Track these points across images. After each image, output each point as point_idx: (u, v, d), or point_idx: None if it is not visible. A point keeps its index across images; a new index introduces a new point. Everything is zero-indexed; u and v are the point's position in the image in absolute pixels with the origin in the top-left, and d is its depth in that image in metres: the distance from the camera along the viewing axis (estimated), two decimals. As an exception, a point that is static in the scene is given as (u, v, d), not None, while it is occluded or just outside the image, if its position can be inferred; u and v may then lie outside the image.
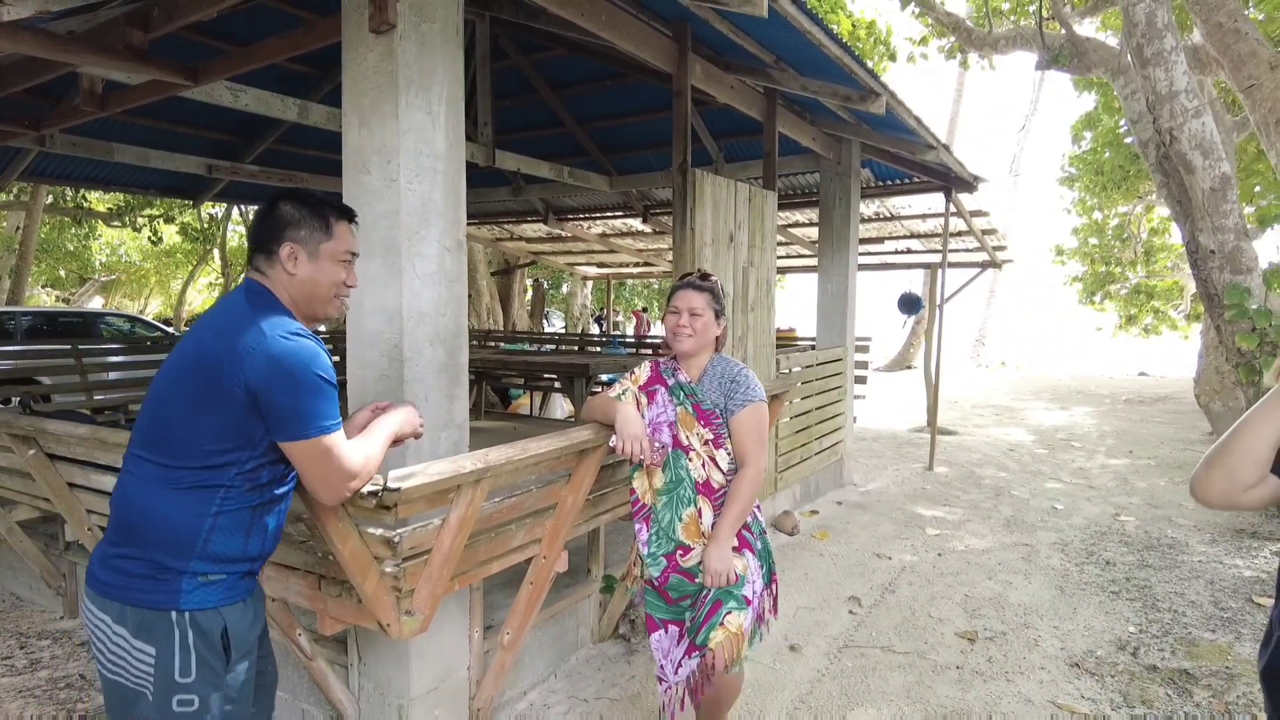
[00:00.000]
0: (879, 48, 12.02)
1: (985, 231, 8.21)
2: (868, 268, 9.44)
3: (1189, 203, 5.81)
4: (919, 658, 3.31)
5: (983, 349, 22.46)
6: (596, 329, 18.87)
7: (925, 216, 7.99)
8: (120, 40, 3.28)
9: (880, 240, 9.11)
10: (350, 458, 1.52)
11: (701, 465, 2.18)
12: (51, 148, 5.42)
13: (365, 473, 1.57)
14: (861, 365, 7.28)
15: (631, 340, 12.69)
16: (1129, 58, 6.21)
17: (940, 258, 7.41)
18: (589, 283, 18.95)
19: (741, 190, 4.41)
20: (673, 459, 2.20)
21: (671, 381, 2.27)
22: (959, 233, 8.22)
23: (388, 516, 1.74)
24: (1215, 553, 4.72)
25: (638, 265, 12.43)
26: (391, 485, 1.65)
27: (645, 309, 21.62)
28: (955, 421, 10.13)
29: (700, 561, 2.11)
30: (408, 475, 1.72)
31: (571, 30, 3.39)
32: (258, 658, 1.64)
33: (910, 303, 9.01)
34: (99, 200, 13.87)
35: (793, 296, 17.84)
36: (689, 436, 2.19)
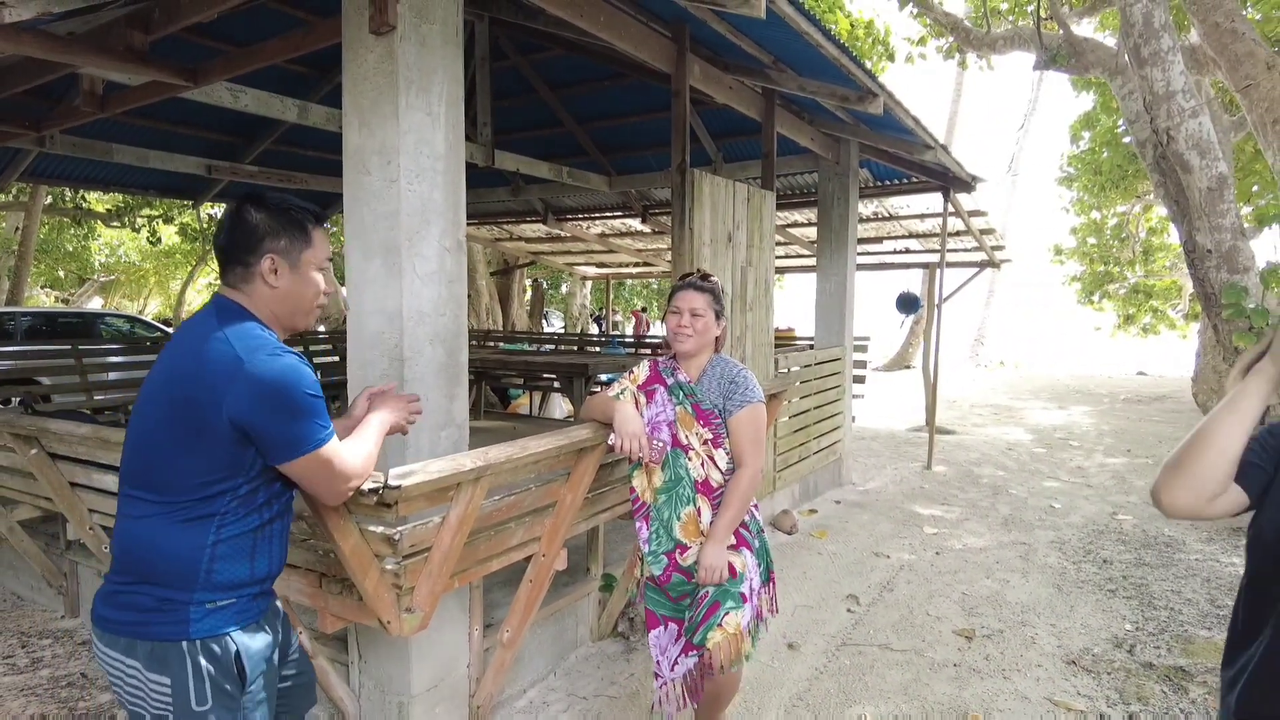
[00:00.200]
0: (877, 48, 12.03)
1: (983, 231, 8.23)
2: (866, 267, 9.44)
3: (1186, 202, 5.82)
4: (916, 655, 3.32)
5: (981, 348, 22.46)
6: (596, 329, 18.87)
7: (923, 216, 8.01)
8: (120, 42, 3.29)
9: (879, 240, 9.12)
10: (349, 460, 1.52)
11: (701, 464, 2.19)
12: (51, 148, 5.44)
13: (364, 471, 1.56)
14: (860, 365, 7.30)
15: (631, 340, 12.71)
16: (1126, 58, 6.23)
17: (938, 257, 7.43)
18: (588, 283, 18.96)
19: (740, 190, 4.43)
20: (672, 458, 2.21)
21: (671, 381, 2.28)
22: (957, 232, 8.23)
23: (388, 514, 1.75)
24: (1211, 551, 4.73)
25: (637, 265, 12.45)
26: (392, 483, 1.66)
27: (644, 309, 21.62)
28: (954, 421, 10.15)
29: (696, 561, 2.13)
30: (408, 473, 1.74)
31: (570, 30, 3.40)
32: (285, 664, 1.65)
33: (908, 302, 9.03)
34: (98, 201, 13.87)
35: (792, 296, 17.84)
36: (688, 436, 2.21)
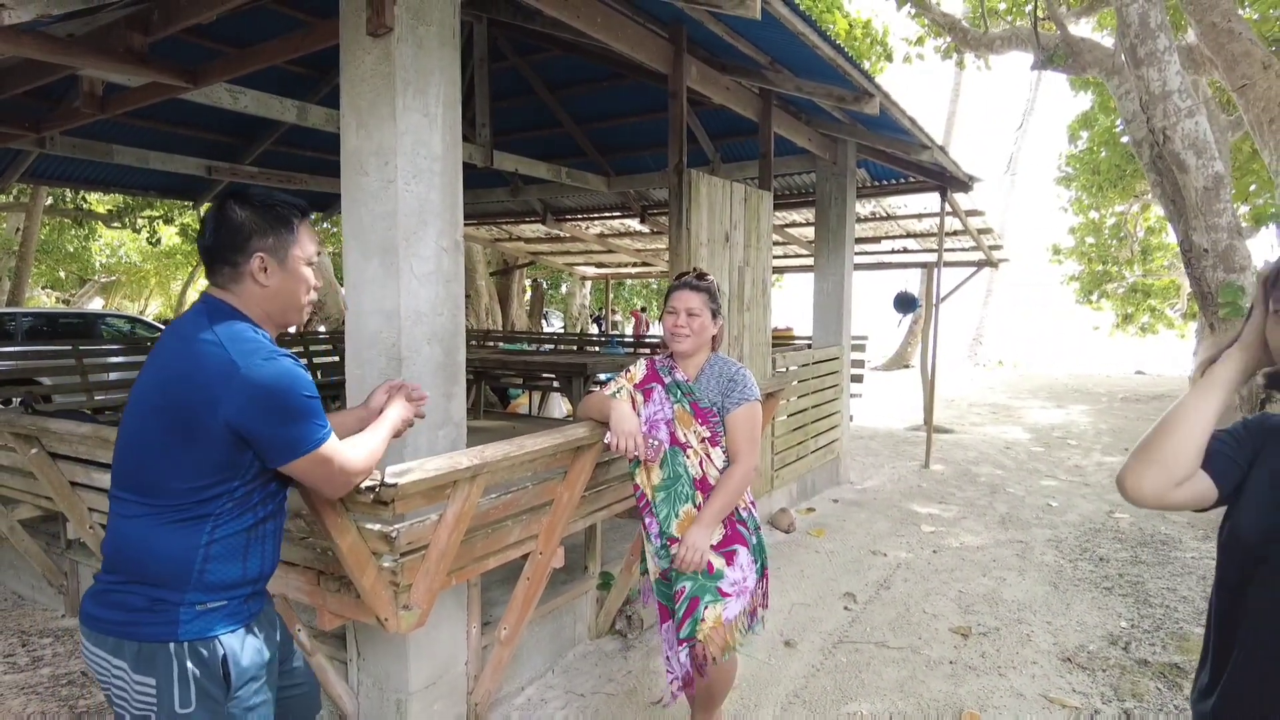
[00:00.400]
0: (876, 48, 12.05)
1: (981, 231, 8.24)
2: (864, 267, 9.46)
3: (1182, 202, 5.84)
4: (912, 653, 3.34)
5: (980, 348, 22.47)
6: (595, 329, 18.89)
7: (921, 216, 8.03)
8: (120, 43, 3.30)
9: (877, 240, 9.14)
10: (349, 455, 1.53)
11: (699, 462, 2.21)
12: (52, 149, 5.45)
13: (367, 466, 1.57)
14: (858, 364, 7.31)
15: (630, 340, 12.72)
16: (1123, 58, 6.25)
17: (936, 257, 7.45)
18: (588, 283, 18.98)
19: (737, 190, 4.45)
20: (670, 456, 2.23)
21: (668, 380, 2.30)
22: (955, 232, 8.25)
23: (385, 512, 1.77)
24: (1207, 549, 4.75)
25: (636, 265, 12.47)
26: (389, 481, 1.68)
27: (644, 309, 21.63)
28: (952, 420, 10.17)
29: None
30: (405, 471, 1.75)
31: (568, 31, 3.42)
32: (285, 675, 1.64)
33: (906, 302, 9.04)
34: (99, 201, 13.89)
35: (790, 296, 17.87)
36: (686, 434, 2.22)
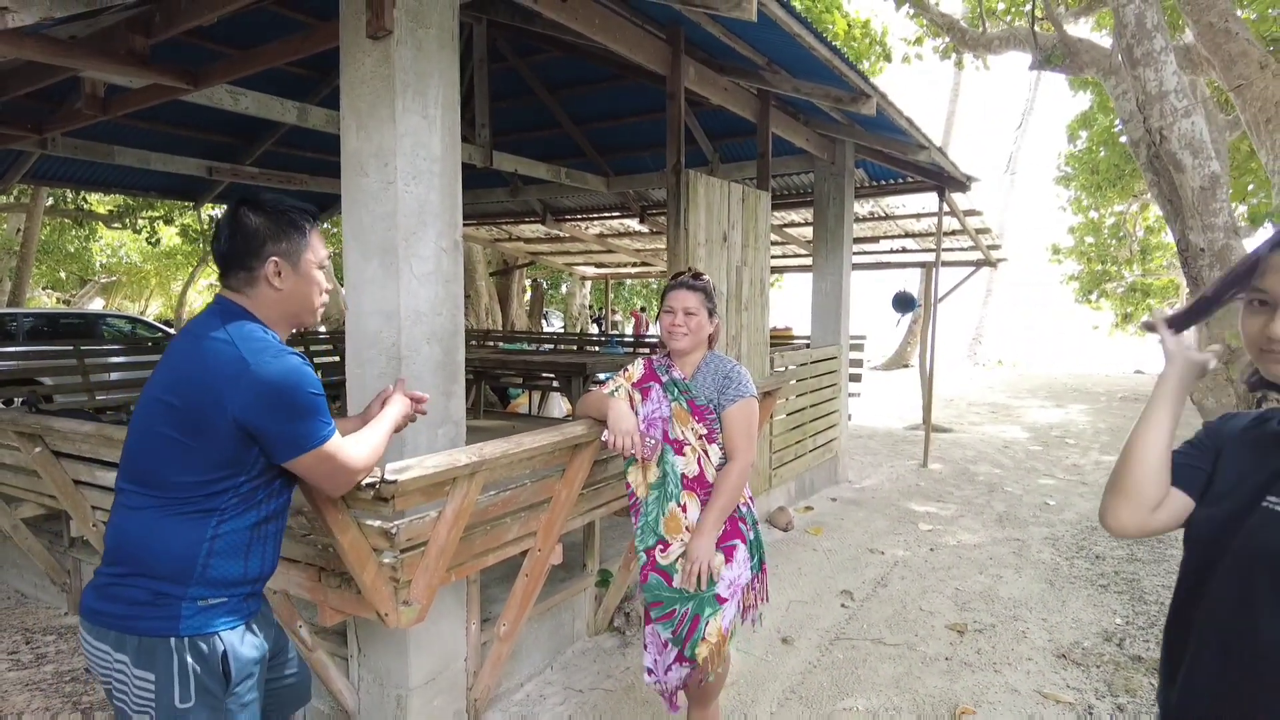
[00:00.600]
0: (875, 48, 12.08)
1: (979, 230, 8.26)
2: (863, 267, 9.48)
3: (1179, 202, 5.85)
4: (909, 649, 3.37)
5: (980, 347, 22.49)
6: (596, 329, 18.91)
7: (919, 216, 8.04)
8: (122, 45, 3.33)
9: (875, 239, 9.16)
10: (352, 454, 1.55)
11: (696, 460, 2.23)
12: (53, 150, 5.48)
13: (368, 464, 1.60)
14: (856, 364, 7.33)
15: (630, 340, 12.74)
16: (1120, 58, 6.27)
17: (934, 257, 7.47)
18: (588, 283, 19.00)
19: (735, 191, 4.47)
20: (662, 454, 2.25)
21: (666, 378, 2.32)
22: (953, 232, 8.27)
23: (385, 508, 1.80)
24: (1204, 547, 4.78)
25: (635, 265, 12.49)
26: (389, 478, 1.71)
27: (644, 308, 21.66)
28: (951, 419, 10.19)
29: (677, 559, 2.17)
30: (404, 468, 1.78)
31: (567, 33, 3.44)
32: (280, 665, 1.68)
33: (905, 301, 9.07)
34: (99, 202, 13.92)
35: (790, 296, 17.90)
36: (683, 432, 2.24)
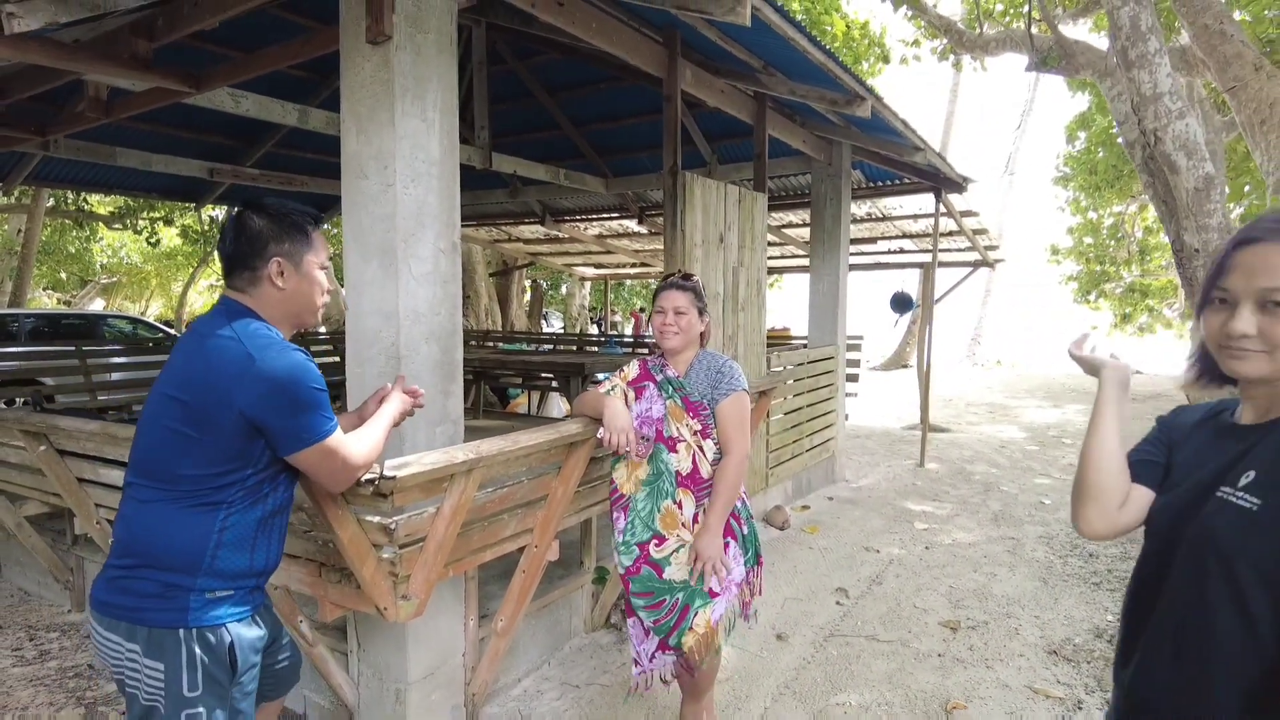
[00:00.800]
0: (874, 49, 12.13)
1: (976, 231, 8.30)
2: (860, 268, 9.52)
3: (1174, 203, 5.90)
4: (902, 646, 3.41)
5: (978, 348, 22.51)
6: (595, 330, 18.95)
7: (917, 217, 8.09)
8: (125, 49, 3.37)
9: (873, 240, 9.20)
10: (353, 449, 1.60)
11: (690, 457, 2.27)
12: (56, 152, 5.51)
13: (368, 460, 1.65)
14: (853, 364, 7.37)
15: (629, 340, 12.78)
16: (1114, 60, 6.31)
17: (931, 257, 7.51)
18: (587, 284, 19.04)
19: (731, 192, 4.51)
20: (655, 453, 2.30)
21: (660, 377, 2.37)
22: (950, 233, 8.31)
23: (384, 504, 1.84)
24: (1197, 545, 4.81)
25: (634, 266, 12.53)
26: (387, 474, 1.75)
27: (643, 309, 21.67)
28: (949, 419, 10.23)
29: (672, 553, 2.21)
30: (403, 464, 1.82)
31: (564, 36, 3.48)
32: (276, 650, 1.73)
33: (902, 302, 9.11)
34: (100, 203, 13.96)
35: (789, 296, 17.93)
36: (678, 428, 2.29)
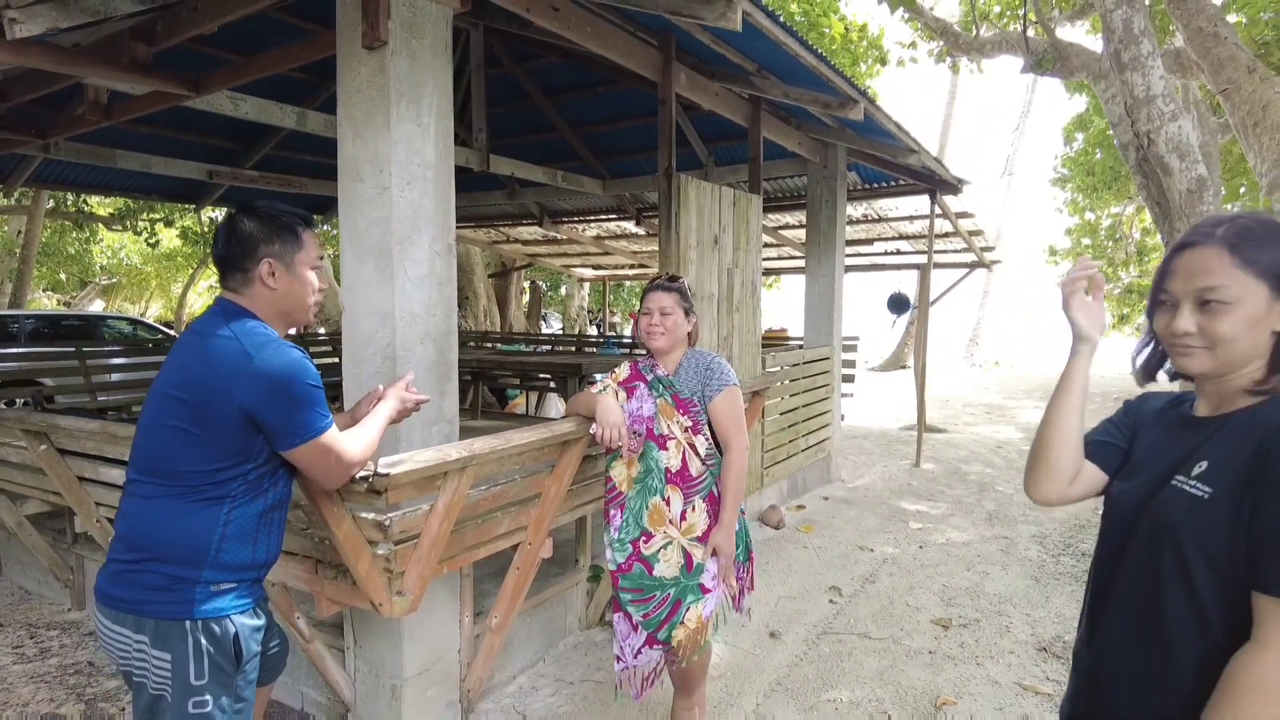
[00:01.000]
0: (872, 51, 12.18)
1: (972, 233, 8.34)
2: (857, 269, 9.57)
3: (1167, 204, 5.95)
4: (894, 643, 3.44)
5: (977, 348, 22.54)
6: (594, 331, 18.99)
7: (913, 218, 8.12)
8: (125, 53, 3.40)
9: (869, 242, 9.24)
10: (348, 446, 1.64)
11: (680, 454, 2.32)
12: (56, 154, 5.55)
13: (363, 457, 1.68)
14: (849, 365, 7.41)
15: (627, 341, 12.81)
16: (1108, 63, 6.36)
17: (926, 259, 7.55)
18: (586, 285, 19.08)
19: (726, 194, 4.55)
20: (645, 450, 2.34)
21: (650, 377, 2.41)
22: (946, 234, 8.35)
23: (379, 501, 1.87)
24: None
25: (632, 267, 12.56)
26: (381, 471, 1.79)
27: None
28: (946, 420, 10.27)
29: (659, 550, 2.26)
30: (397, 462, 1.86)
31: (561, 40, 3.53)
32: (265, 638, 1.76)
33: (899, 303, 9.15)
34: (100, 204, 14.00)
35: (786, 297, 17.96)
36: (669, 425, 2.33)
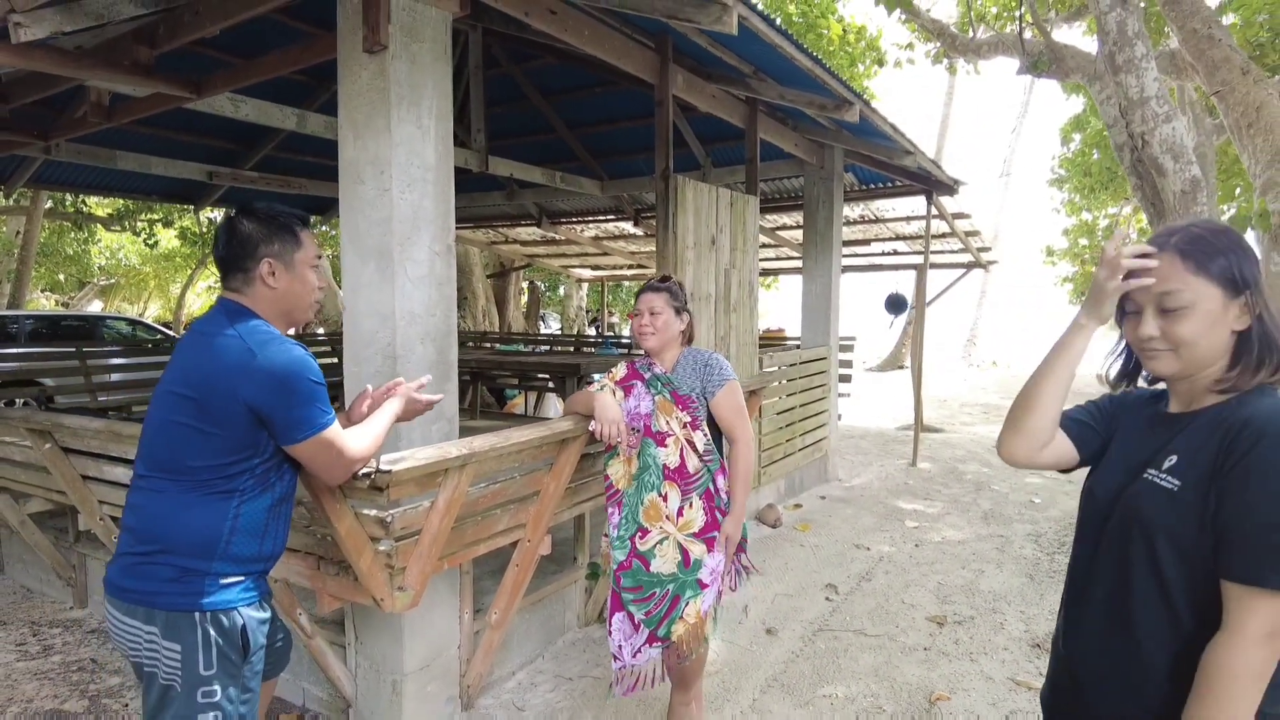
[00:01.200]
0: (869, 52, 12.22)
1: (969, 233, 8.38)
2: (854, 269, 9.60)
3: (1161, 204, 5.99)
4: (889, 640, 3.48)
5: (974, 349, 22.61)
6: (593, 331, 19.03)
7: (909, 219, 8.17)
8: (127, 56, 3.43)
9: (867, 242, 9.28)
10: (351, 442, 1.68)
11: (678, 451, 2.35)
12: (56, 155, 5.57)
13: (367, 454, 1.71)
14: (846, 365, 7.44)
15: (626, 341, 12.84)
16: (1103, 64, 6.40)
17: (922, 259, 7.59)
18: (584, 285, 19.11)
19: (723, 195, 4.59)
20: (643, 448, 2.38)
21: (648, 375, 2.45)
22: (942, 235, 8.39)
23: (381, 498, 1.91)
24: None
25: (630, 268, 12.59)
26: (383, 468, 1.82)
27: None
28: (943, 419, 10.31)
29: (655, 545, 2.30)
30: (398, 459, 1.90)
31: (559, 42, 3.56)
32: (270, 632, 1.79)
33: (897, 303, 9.20)
34: (98, 205, 14.01)
35: (784, 297, 18.00)
36: (668, 422, 2.37)
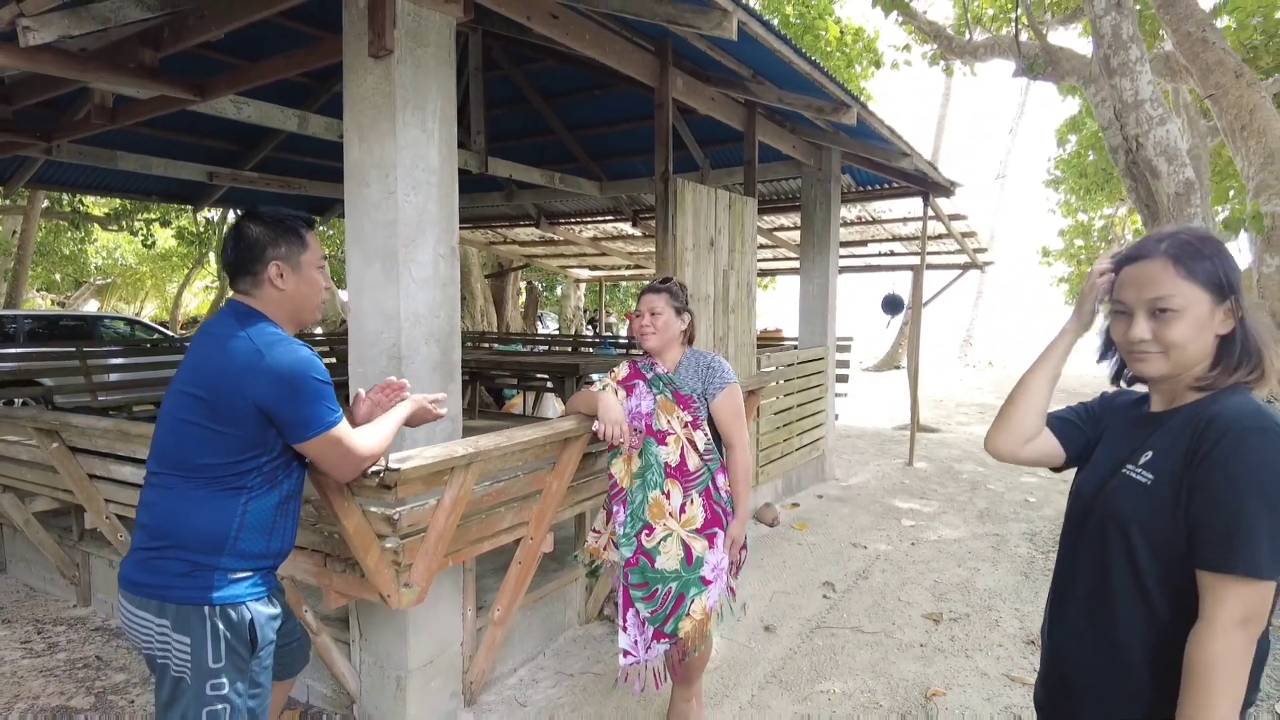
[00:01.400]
0: (866, 54, 12.28)
1: (965, 234, 8.44)
2: (851, 270, 9.66)
3: (1155, 206, 6.04)
4: (886, 637, 3.52)
5: (970, 349, 22.70)
6: (590, 331, 19.06)
7: (906, 220, 8.22)
8: (132, 59, 3.45)
9: (864, 243, 9.34)
10: (359, 440, 1.71)
11: (679, 449, 2.39)
12: (58, 156, 5.58)
13: (376, 452, 1.75)
14: (843, 365, 7.49)
15: (624, 341, 12.88)
16: (1098, 67, 6.46)
17: (919, 260, 7.64)
18: (582, 285, 19.15)
19: (722, 197, 4.63)
20: (645, 446, 2.42)
21: (650, 375, 2.49)
22: (939, 235, 8.45)
23: (388, 496, 1.95)
24: (1175, 541, 4.94)
25: (629, 268, 12.64)
26: (392, 466, 1.86)
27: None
28: (939, 419, 10.36)
29: (660, 542, 2.34)
30: (406, 458, 1.93)
31: (559, 45, 3.60)
32: (283, 632, 1.83)
33: (893, 304, 9.25)
34: (95, 204, 14.00)
35: (781, 297, 18.07)
36: (669, 421, 2.41)
